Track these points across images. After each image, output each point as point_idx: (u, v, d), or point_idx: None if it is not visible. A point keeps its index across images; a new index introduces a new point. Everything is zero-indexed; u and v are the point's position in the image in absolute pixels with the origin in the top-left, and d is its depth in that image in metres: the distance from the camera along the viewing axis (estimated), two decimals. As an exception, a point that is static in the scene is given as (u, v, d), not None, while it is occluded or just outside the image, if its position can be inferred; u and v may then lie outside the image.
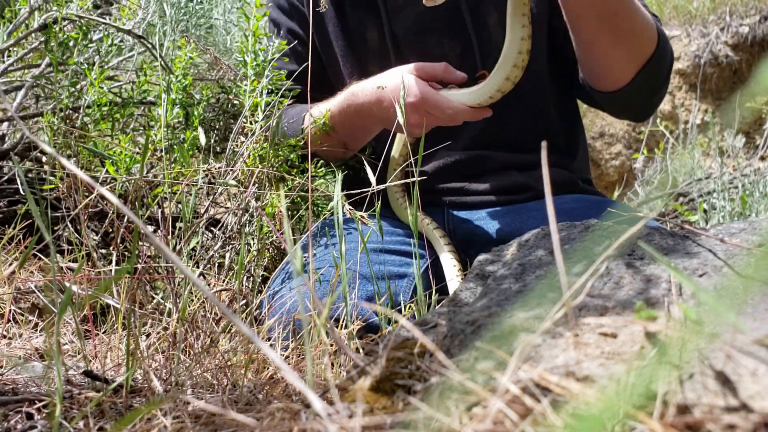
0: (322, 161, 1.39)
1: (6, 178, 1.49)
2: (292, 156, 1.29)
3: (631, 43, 1.24)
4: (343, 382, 0.55)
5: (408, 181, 1.18)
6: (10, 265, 1.20)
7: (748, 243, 0.65)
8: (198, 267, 1.22)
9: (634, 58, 1.26)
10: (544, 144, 0.53)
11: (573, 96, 1.53)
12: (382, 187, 1.15)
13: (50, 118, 1.27)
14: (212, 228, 1.50)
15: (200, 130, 1.28)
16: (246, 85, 1.30)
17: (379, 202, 1.15)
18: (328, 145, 1.34)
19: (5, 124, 1.60)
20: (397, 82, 1.19)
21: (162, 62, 1.30)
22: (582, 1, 1.18)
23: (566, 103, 1.52)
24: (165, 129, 1.27)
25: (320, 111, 1.33)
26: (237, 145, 1.29)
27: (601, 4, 1.17)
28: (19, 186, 1.45)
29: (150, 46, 1.36)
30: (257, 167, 1.21)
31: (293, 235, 1.36)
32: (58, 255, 1.30)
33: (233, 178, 1.24)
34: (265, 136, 1.24)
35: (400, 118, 1.07)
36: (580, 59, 1.32)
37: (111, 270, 1.14)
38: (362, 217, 1.21)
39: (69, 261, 1.28)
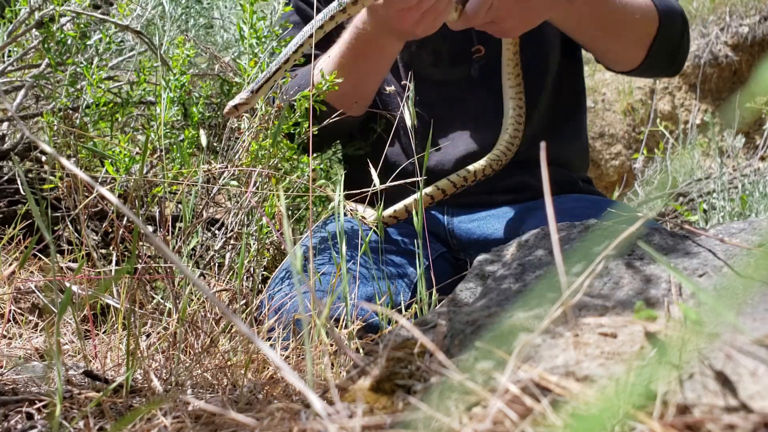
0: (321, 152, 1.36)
1: (6, 178, 1.49)
2: (297, 125, 1.26)
3: (631, 34, 1.34)
4: (343, 382, 0.55)
5: (409, 180, 1.18)
6: (10, 265, 1.20)
7: (748, 243, 0.65)
8: (198, 267, 1.22)
9: (639, 44, 1.35)
10: (543, 144, 0.53)
11: (577, 89, 1.55)
12: (384, 186, 1.15)
13: (49, 117, 1.27)
14: (212, 228, 1.50)
15: (201, 131, 1.27)
16: (245, 61, 1.28)
17: (381, 202, 1.15)
18: (338, 95, 1.29)
19: (5, 124, 1.61)
20: None
21: (161, 58, 1.30)
22: (573, 22, 1.30)
23: (572, 95, 1.53)
24: (164, 128, 1.27)
25: (328, 56, 1.32)
26: (235, 137, 1.28)
27: (592, 19, 1.29)
28: (19, 186, 1.45)
29: (148, 40, 1.36)
30: (257, 165, 1.21)
31: (294, 236, 1.36)
32: (58, 255, 1.30)
33: (231, 177, 1.24)
34: (264, 130, 1.24)
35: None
36: (591, 53, 1.42)
37: (111, 270, 1.14)
38: (363, 218, 1.21)
39: (69, 261, 1.28)
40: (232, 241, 1.25)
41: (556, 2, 1.23)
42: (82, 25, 1.35)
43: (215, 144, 1.45)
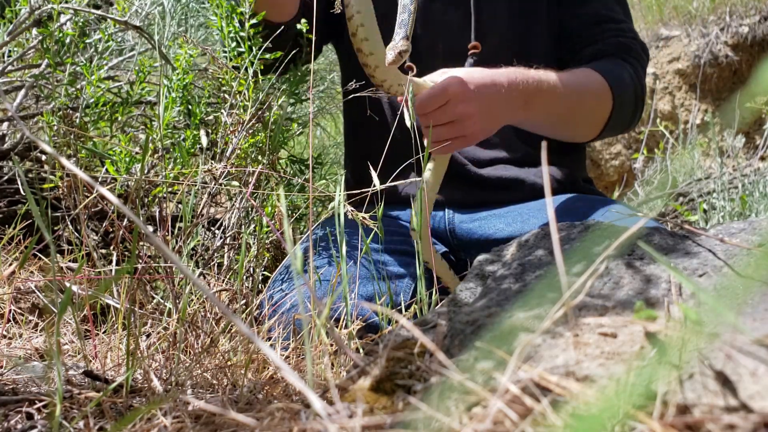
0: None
1: (6, 178, 1.49)
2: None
3: (586, 124, 1.38)
4: (343, 382, 0.55)
5: (408, 181, 1.18)
6: (10, 265, 1.20)
7: (748, 243, 0.65)
8: (198, 267, 1.22)
9: (592, 128, 1.39)
10: (544, 144, 0.53)
11: None
12: (384, 186, 1.15)
13: (49, 117, 1.27)
14: (212, 228, 1.50)
15: (202, 132, 1.27)
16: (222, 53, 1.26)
17: (382, 202, 1.15)
18: None
19: (5, 124, 1.60)
20: None
21: (161, 53, 1.30)
22: (532, 125, 1.34)
23: None
24: (165, 128, 1.27)
25: None
26: (228, 134, 1.27)
27: (550, 119, 1.32)
28: (19, 186, 1.45)
29: (147, 36, 1.35)
30: (254, 164, 1.21)
31: (294, 236, 1.35)
32: (58, 255, 1.30)
33: (231, 177, 1.24)
34: (258, 120, 1.24)
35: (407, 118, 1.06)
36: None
37: (111, 270, 1.14)
38: (364, 218, 1.21)
39: (69, 261, 1.28)
40: (229, 241, 1.25)
41: (515, 109, 1.22)
42: (81, 24, 1.35)
43: (216, 140, 1.45)
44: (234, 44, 1.26)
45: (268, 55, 1.24)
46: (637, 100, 1.41)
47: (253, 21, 1.24)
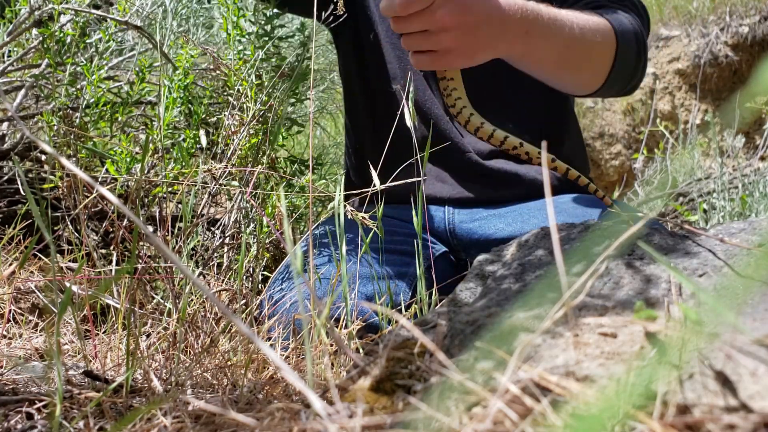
0: None
1: (6, 178, 1.49)
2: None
3: (591, 66, 1.26)
4: (343, 382, 0.55)
5: (409, 181, 1.17)
6: (10, 265, 1.20)
7: (748, 243, 0.65)
8: (198, 267, 1.22)
9: (597, 74, 1.28)
10: (544, 144, 0.53)
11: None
12: (384, 186, 1.15)
13: (49, 117, 1.27)
14: (212, 228, 1.50)
15: (201, 132, 1.27)
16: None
17: (382, 201, 1.15)
18: None
19: (5, 124, 1.61)
20: None
21: (161, 53, 1.30)
22: (533, 59, 1.19)
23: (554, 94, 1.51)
24: (165, 128, 1.27)
25: None
26: (230, 136, 1.27)
27: (551, 55, 1.18)
28: (19, 186, 1.45)
29: (148, 36, 1.35)
30: (256, 165, 1.21)
31: (293, 235, 1.35)
32: (58, 255, 1.30)
33: (231, 177, 1.24)
34: (261, 122, 1.23)
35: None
36: (544, 82, 1.33)
37: (111, 270, 1.14)
38: (363, 218, 1.21)
39: (69, 261, 1.28)
40: (229, 241, 1.25)
41: (512, 36, 1.08)
42: (81, 24, 1.35)
43: (217, 141, 1.45)
44: (240, 47, 1.26)
45: None
46: (639, 45, 1.30)
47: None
